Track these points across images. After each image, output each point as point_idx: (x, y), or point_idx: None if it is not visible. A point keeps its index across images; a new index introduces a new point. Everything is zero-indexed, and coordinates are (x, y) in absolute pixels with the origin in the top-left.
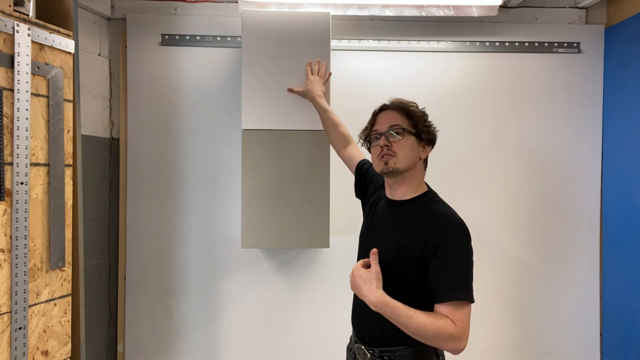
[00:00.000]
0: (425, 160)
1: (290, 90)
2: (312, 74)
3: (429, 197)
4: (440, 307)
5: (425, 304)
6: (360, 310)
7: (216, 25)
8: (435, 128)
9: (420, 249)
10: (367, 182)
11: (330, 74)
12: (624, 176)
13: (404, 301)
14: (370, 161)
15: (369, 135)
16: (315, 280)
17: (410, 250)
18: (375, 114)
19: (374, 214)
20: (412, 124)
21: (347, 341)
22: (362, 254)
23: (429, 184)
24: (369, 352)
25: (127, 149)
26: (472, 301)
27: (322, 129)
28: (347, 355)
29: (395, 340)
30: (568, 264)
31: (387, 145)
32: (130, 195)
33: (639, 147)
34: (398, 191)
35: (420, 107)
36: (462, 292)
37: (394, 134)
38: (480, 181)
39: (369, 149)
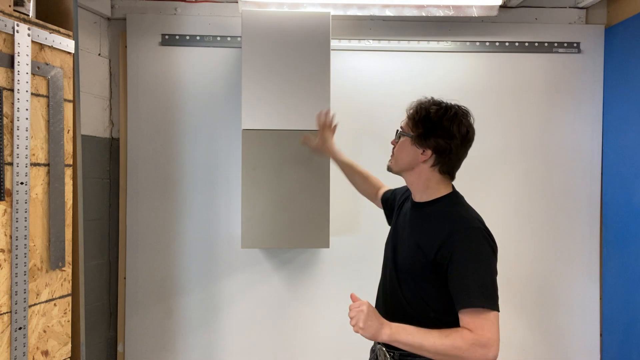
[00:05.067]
0: (441, 165)
1: (305, 143)
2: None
3: (450, 199)
4: (460, 315)
5: (441, 311)
6: (382, 313)
7: (216, 25)
8: (450, 133)
9: (435, 252)
10: (393, 202)
11: (335, 125)
12: (624, 176)
13: (419, 306)
14: (390, 190)
15: None
16: (315, 280)
17: (425, 253)
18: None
19: (399, 216)
20: (412, 126)
21: (346, 340)
22: (385, 260)
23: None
24: (389, 355)
25: (127, 149)
26: (493, 309)
27: None
28: (370, 357)
29: None
30: (568, 263)
31: (394, 146)
32: (130, 195)
33: (639, 147)
34: (415, 194)
35: (438, 111)
36: (478, 300)
37: (395, 136)
38: (479, 181)
39: None
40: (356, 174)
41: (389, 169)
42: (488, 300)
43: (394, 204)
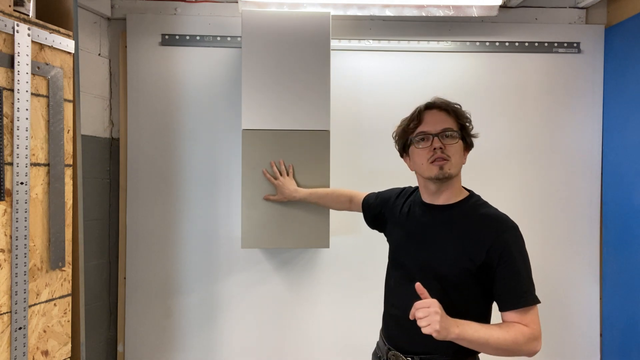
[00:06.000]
0: None
1: (267, 199)
2: (276, 179)
3: (475, 200)
4: (508, 315)
5: (481, 314)
6: (402, 316)
7: (216, 25)
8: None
9: (484, 255)
10: (379, 207)
11: (291, 166)
12: (624, 176)
13: (461, 310)
14: (374, 193)
15: (412, 135)
16: (315, 280)
17: (471, 258)
18: (420, 112)
19: (407, 221)
20: (460, 127)
21: (346, 341)
22: (401, 265)
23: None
24: None
25: (127, 149)
26: (539, 302)
27: (322, 128)
28: None
29: (436, 347)
30: (568, 264)
31: (442, 148)
32: (130, 195)
33: (639, 147)
34: (441, 197)
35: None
36: (529, 297)
37: (450, 137)
38: (478, 181)
39: (402, 150)
40: (321, 199)
41: (448, 176)
42: (534, 295)
43: (382, 209)
